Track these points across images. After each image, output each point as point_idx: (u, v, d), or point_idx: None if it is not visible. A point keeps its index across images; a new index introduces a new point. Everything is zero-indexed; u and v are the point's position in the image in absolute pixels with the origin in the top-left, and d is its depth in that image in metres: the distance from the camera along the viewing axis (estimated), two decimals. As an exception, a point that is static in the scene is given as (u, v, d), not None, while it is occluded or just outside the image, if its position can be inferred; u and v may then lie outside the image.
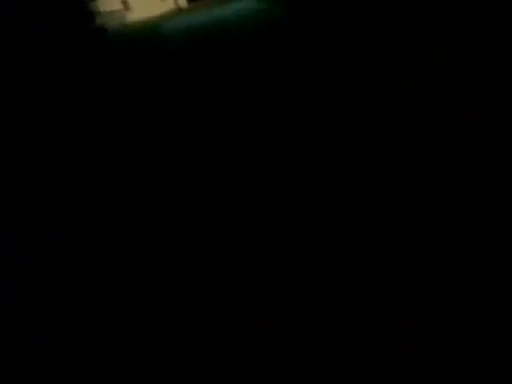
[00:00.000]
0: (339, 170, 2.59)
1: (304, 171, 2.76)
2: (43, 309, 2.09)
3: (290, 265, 1.84)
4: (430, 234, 1.72)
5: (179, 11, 33.10)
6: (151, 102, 5.23)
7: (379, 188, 2.23)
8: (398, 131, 2.88)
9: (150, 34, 16.53)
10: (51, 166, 5.04)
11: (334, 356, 1.29)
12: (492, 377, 1.08)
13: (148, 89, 5.72)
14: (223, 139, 4.09)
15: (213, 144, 4.02)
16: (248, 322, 1.56)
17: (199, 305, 1.76)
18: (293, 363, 1.32)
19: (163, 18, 30.65)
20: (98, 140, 6.02)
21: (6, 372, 1.71)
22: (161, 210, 2.89)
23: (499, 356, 1.13)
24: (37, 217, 3.54)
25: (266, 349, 1.40)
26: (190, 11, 29.72)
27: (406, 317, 1.35)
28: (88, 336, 1.77)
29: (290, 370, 1.29)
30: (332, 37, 8.01)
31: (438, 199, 1.96)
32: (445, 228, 1.73)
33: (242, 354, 1.41)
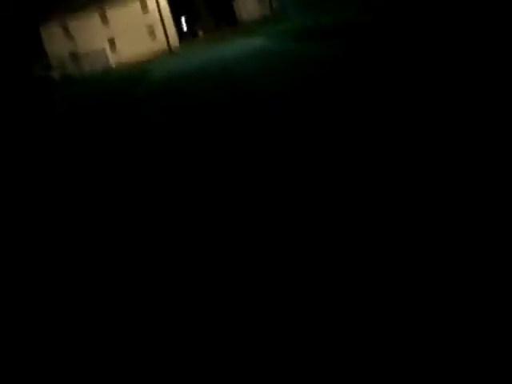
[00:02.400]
0: (341, 171, 2.59)
1: (308, 173, 2.75)
2: (44, 310, 2.08)
3: (294, 267, 1.83)
4: (434, 237, 1.71)
5: (171, 51, 28.68)
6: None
7: (383, 190, 2.23)
8: (405, 133, 2.88)
9: (128, 87, 12.83)
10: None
11: (341, 361, 1.28)
12: (500, 379, 1.08)
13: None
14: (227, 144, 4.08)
15: (215, 148, 4.01)
16: (252, 325, 1.55)
17: (202, 307, 1.75)
18: (297, 368, 1.31)
19: (152, 60, 26.10)
20: (105, 144, 6.02)
21: (5, 372, 1.70)
22: (163, 211, 2.88)
23: (506, 358, 1.12)
24: (43, 221, 3.54)
25: (269, 352, 1.39)
26: (185, 50, 25.88)
27: (412, 320, 1.34)
28: (91, 337, 1.76)
29: (294, 374, 1.29)
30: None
31: (440, 200, 1.95)
32: (448, 230, 1.72)
33: (246, 359, 1.40)
